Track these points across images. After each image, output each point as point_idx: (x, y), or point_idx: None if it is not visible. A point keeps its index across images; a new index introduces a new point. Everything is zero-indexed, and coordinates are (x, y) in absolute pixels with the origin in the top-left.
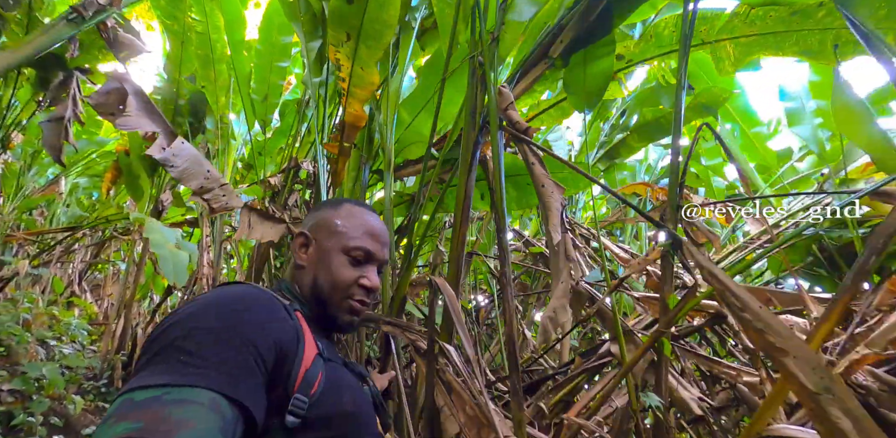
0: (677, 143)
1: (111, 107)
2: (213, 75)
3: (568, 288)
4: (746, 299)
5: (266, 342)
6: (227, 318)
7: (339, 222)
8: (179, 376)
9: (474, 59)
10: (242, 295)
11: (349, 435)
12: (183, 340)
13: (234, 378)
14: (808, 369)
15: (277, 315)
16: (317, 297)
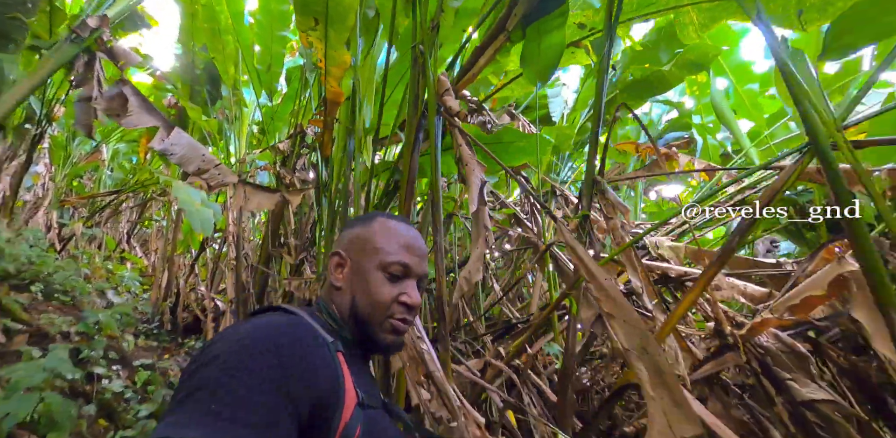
0: (597, 126)
1: (116, 109)
2: (220, 46)
3: (482, 253)
4: (595, 271)
5: (305, 394)
6: (264, 364)
7: (373, 237)
8: (211, 430)
9: (415, 48)
10: (281, 335)
11: None
12: (217, 385)
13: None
14: (631, 330)
15: (318, 361)
16: (357, 318)
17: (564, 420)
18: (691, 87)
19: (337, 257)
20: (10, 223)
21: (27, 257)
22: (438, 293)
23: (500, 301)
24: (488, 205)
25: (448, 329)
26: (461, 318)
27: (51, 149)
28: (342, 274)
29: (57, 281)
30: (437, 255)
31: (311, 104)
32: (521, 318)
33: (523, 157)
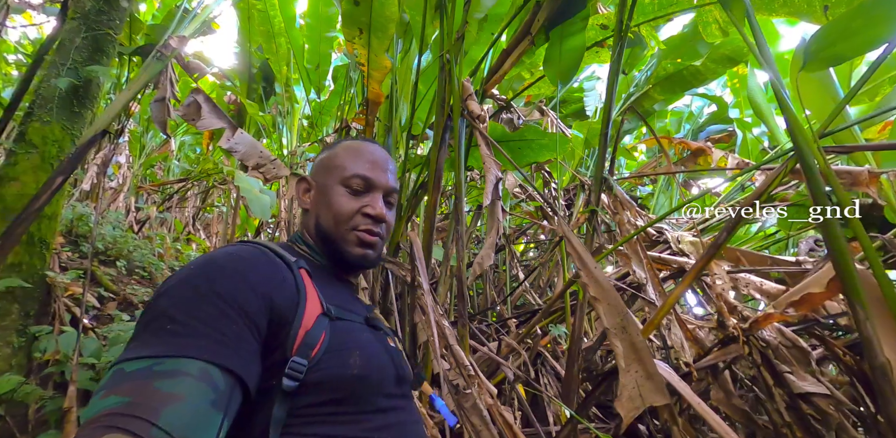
0: (606, 127)
1: (192, 115)
2: (274, 48)
3: (494, 242)
4: (586, 260)
5: (257, 306)
6: (216, 283)
7: (335, 157)
8: (169, 346)
9: (442, 57)
10: (235, 257)
11: (354, 398)
12: (173, 308)
13: (223, 346)
14: (613, 311)
15: (271, 276)
16: (323, 236)
17: (569, 395)
18: (732, 79)
19: (303, 182)
20: (97, 207)
21: (112, 237)
22: (458, 276)
23: (519, 288)
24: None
25: (466, 308)
26: (487, 302)
27: (130, 142)
28: (308, 197)
29: (136, 259)
30: (458, 243)
31: (356, 100)
32: (543, 304)
33: (546, 153)
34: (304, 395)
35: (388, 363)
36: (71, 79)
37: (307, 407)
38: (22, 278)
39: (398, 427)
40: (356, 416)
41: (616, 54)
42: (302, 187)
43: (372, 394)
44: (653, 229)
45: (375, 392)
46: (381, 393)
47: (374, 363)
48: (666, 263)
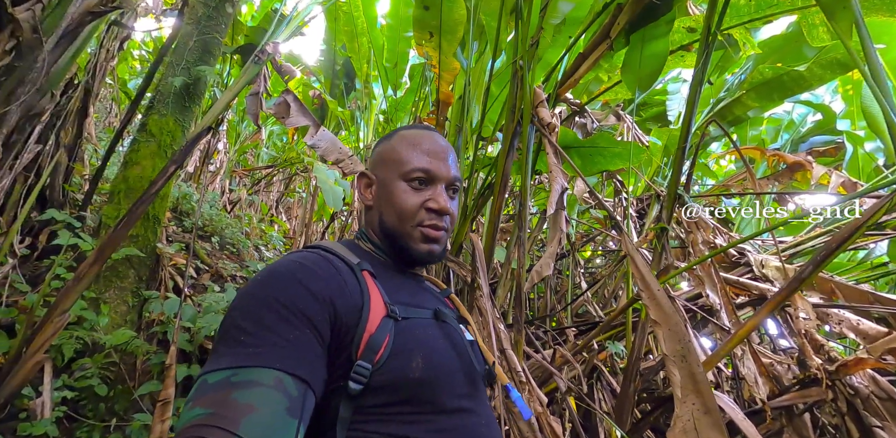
0: (687, 132)
1: (282, 113)
2: (356, 46)
3: (555, 251)
4: (648, 280)
5: (320, 313)
6: (280, 293)
7: (393, 150)
8: (244, 357)
9: (515, 63)
10: (295, 267)
11: (418, 400)
12: (243, 319)
13: (292, 354)
14: (673, 338)
15: (333, 283)
16: (387, 233)
17: (623, 415)
18: (844, 85)
19: (364, 178)
20: (198, 187)
21: (209, 215)
22: (518, 281)
23: (578, 299)
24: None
25: (523, 314)
26: (547, 308)
27: (227, 130)
28: (370, 193)
29: (228, 236)
30: (520, 248)
31: (430, 98)
32: (604, 317)
33: (619, 162)
34: (369, 396)
35: (454, 362)
36: (184, 77)
37: (372, 407)
38: (138, 248)
39: (465, 430)
40: (421, 416)
41: (701, 62)
42: (363, 183)
43: (436, 395)
44: (735, 249)
45: (440, 393)
46: (448, 394)
47: (438, 364)
48: (745, 288)
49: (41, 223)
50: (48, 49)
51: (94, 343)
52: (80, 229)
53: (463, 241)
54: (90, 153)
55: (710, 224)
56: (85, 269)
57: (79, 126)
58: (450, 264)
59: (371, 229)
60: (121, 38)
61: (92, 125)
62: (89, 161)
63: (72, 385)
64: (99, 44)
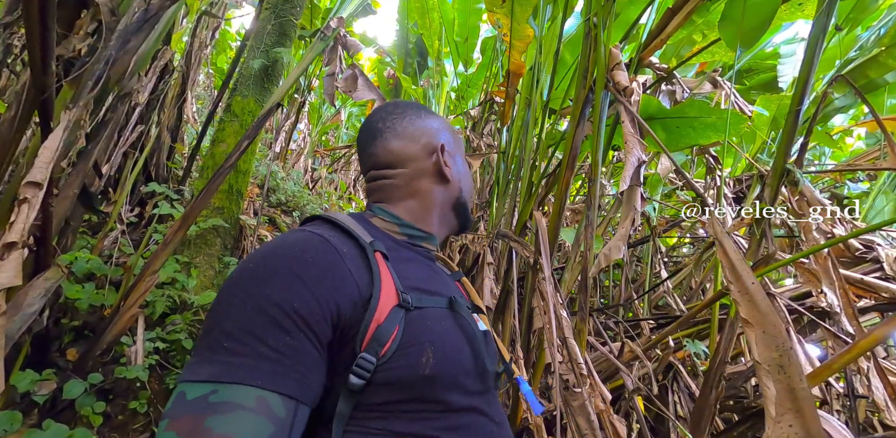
0: (803, 93)
1: (349, 87)
2: (427, 23)
3: (627, 232)
4: (741, 271)
5: (317, 311)
6: (272, 289)
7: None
8: (226, 368)
9: (588, 20)
10: (294, 256)
11: (425, 398)
12: (228, 320)
13: (281, 366)
14: (770, 343)
15: (335, 275)
16: (463, 207)
17: (700, 424)
18: None
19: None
20: (283, 166)
21: (292, 192)
22: (584, 266)
23: (660, 287)
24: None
25: (587, 301)
26: (621, 297)
27: (309, 112)
28: (452, 168)
29: (309, 211)
30: (588, 229)
31: (501, 73)
32: (686, 311)
33: (712, 134)
34: (373, 393)
35: (467, 356)
36: (262, 60)
37: (374, 404)
38: (223, 219)
39: (476, 429)
40: (427, 414)
41: (826, 3)
42: (449, 155)
43: (446, 393)
44: (858, 241)
45: (450, 390)
46: (459, 392)
47: (451, 360)
48: (871, 289)
49: (147, 195)
50: (130, 32)
51: (184, 302)
52: (178, 201)
53: (528, 220)
54: (190, 134)
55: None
56: (171, 235)
57: (179, 110)
58: (512, 243)
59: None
60: (212, 28)
61: (190, 109)
62: (189, 141)
63: (164, 337)
64: (192, 34)
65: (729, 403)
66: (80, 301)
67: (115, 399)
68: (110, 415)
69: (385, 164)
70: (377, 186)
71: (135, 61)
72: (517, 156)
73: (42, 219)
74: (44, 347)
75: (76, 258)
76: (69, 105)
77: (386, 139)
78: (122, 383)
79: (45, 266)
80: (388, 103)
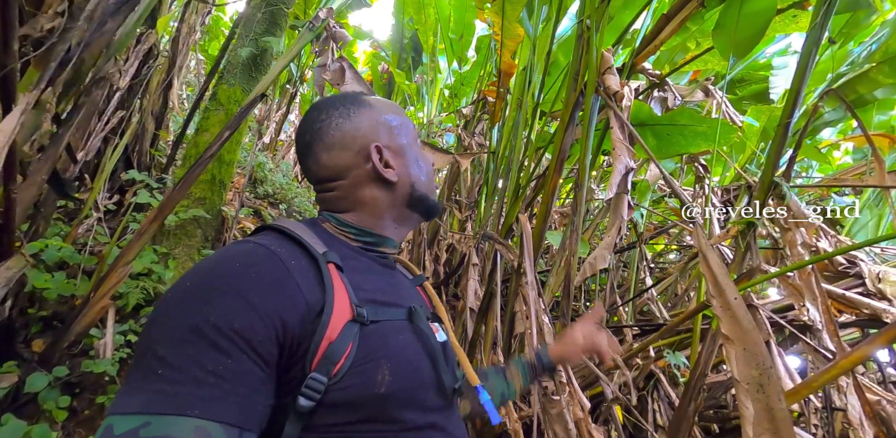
0: (794, 105)
1: (337, 79)
2: (423, 18)
3: (613, 241)
4: (724, 286)
5: (262, 331)
6: (211, 310)
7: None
8: (160, 398)
9: (582, 23)
10: (236, 272)
11: (381, 418)
12: (163, 344)
13: (220, 392)
14: (750, 361)
15: (281, 290)
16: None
17: (677, 436)
18: None
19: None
20: (273, 157)
21: (280, 184)
22: (567, 271)
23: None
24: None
25: (570, 307)
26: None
27: (301, 103)
28: (393, 167)
29: (296, 204)
30: (573, 235)
31: (494, 72)
32: (669, 319)
33: (702, 143)
34: (323, 414)
35: (426, 371)
36: (251, 48)
37: (324, 425)
38: (205, 209)
39: None
40: (381, 434)
41: (820, 16)
42: (377, 157)
43: (402, 411)
44: (843, 257)
45: (407, 408)
46: (415, 408)
47: (409, 376)
48: (852, 305)
49: (128, 183)
50: (107, 13)
51: (160, 294)
52: (159, 190)
53: (513, 223)
54: (177, 122)
55: (815, 222)
56: (146, 225)
57: (164, 96)
58: (497, 246)
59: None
60: (203, 14)
61: (176, 95)
62: (174, 129)
63: (136, 330)
64: (180, 18)
65: (709, 413)
66: (48, 291)
67: (81, 394)
68: (76, 410)
69: (323, 178)
70: (321, 198)
71: (112, 44)
72: (507, 157)
73: (5, 205)
74: (7, 337)
75: (47, 246)
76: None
77: (316, 153)
78: (90, 376)
79: (7, 254)
80: (315, 106)
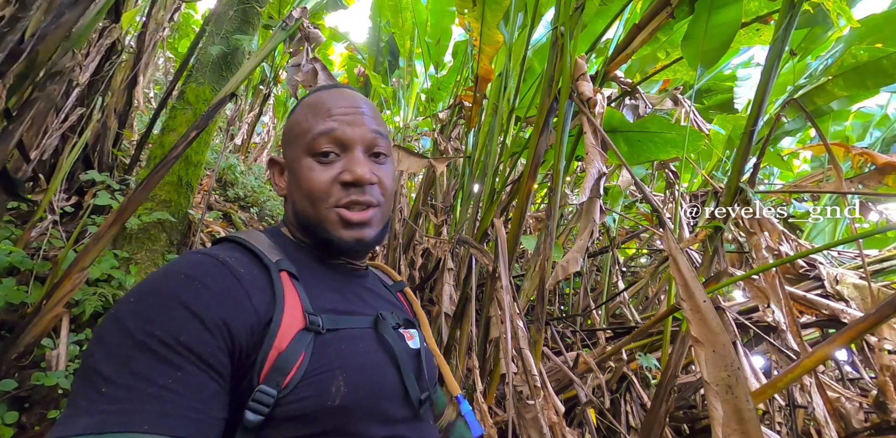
0: (757, 115)
1: (310, 81)
2: (400, 22)
3: (585, 244)
4: (693, 289)
5: (209, 342)
6: (155, 323)
7: (296, 122)
8: (107, 416)
9: (556, 30)
10: (181, 284)
11: (340, 432)
12: (106, 363)
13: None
14: (719, 363)
15: (228, 300)
16: (304, 224)
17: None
18: None
19: (275, 165)
20: (245, 159)
21: (252, 187)
22: (541, 276)
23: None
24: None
25: (544, 312)
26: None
27: (275, 105)
28: (282, 180)
29: (268, 207)
30: (547, 239)
31: (471, 77)
32: (641, 322)
33: (671, 150)
34: (274, 428)
35: (391, 381)
36: (221, 47)
37: None
38: (170, 213)
39: None
40: None
41: (782, 30)
42: (276, 171)
43: (362, 424)
44: (803, 260)
45: (367, 421)
46: (379, 421)
47: (368, 386)
48: (812, 306)
49: (87, 184)
50: (65, 4)
51: None
52: (121, 192)
53: (489, 228)
54: (142, 121)
55: (778, 227)
56: (104, 229)
57: (128, 94)
58: (472, 250)
59: (289, 223)
60: (171, 10)
61: (141, 94)
62: (139, 128)
63: None
64: (147, 14)
65: (679, 414)
66: None
67: (31, 408)
68: (25, 426)
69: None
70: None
71: (71, 37)
72: (482, 161)
73: None
74: None
75: None
76: None
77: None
78: (41, 390)
79: None
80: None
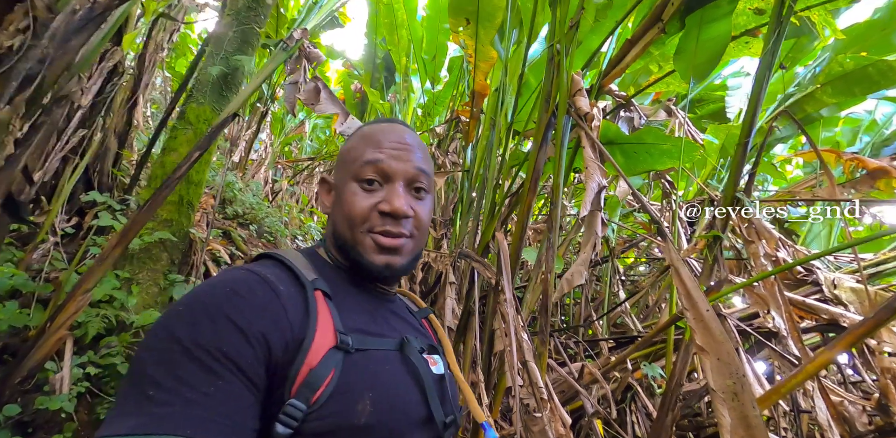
0: (751, 125)
1: (312, 99)
2: (396, 39)
3: (588, 257)
4: (696, 298)
5: (249, 353)
6: (200, 333)
7: (348, 149)
8: (151, 420)
9: (552, 47)
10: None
11: None
12: (154, 367)
13: (211, 413)
14: (724, 370)
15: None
16: (339, 244)
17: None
18: None
19: (325, 183)
20: (242, 177)
21: (250, 204)
22: (545, 288)
23: (615, 310)
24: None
25: (548, 324)
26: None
27: (272, 122)
28: (329, 199)
29: (266, 224)
30: (549, 252)
31: (467, 92)
32: (644, 331)
33: (667, 161)
34: None
35: (414, 404)
36: (222, 67)
37: None
38: (172, 232)
39: None
40: None
41: (771, 44)
42: (324, 189)
43: None
44: (800, 265)
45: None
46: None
47: (392, 408)
48: (812, 311)
49: (88, 204)
50: (72, 31)
51: (123, 322)
52: (122, 212)
53: (490, 241)
54: (141, 141)
55: (775, 235)
56: (108, 250)
57: (128, 114)
58: (474, 264)
59: (328, 241)
60: (170, 31)
61: (141, 114)
62: (139, 148)
63: (97, 361)
64: (147, 35)
65: (684, 422)
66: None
67: (35, 433)
68: None
69: None
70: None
71: (76, 62)
72: (481, 175)
73: None
74: None
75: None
76: None
77: None
78: (45, 414)
79: None
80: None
